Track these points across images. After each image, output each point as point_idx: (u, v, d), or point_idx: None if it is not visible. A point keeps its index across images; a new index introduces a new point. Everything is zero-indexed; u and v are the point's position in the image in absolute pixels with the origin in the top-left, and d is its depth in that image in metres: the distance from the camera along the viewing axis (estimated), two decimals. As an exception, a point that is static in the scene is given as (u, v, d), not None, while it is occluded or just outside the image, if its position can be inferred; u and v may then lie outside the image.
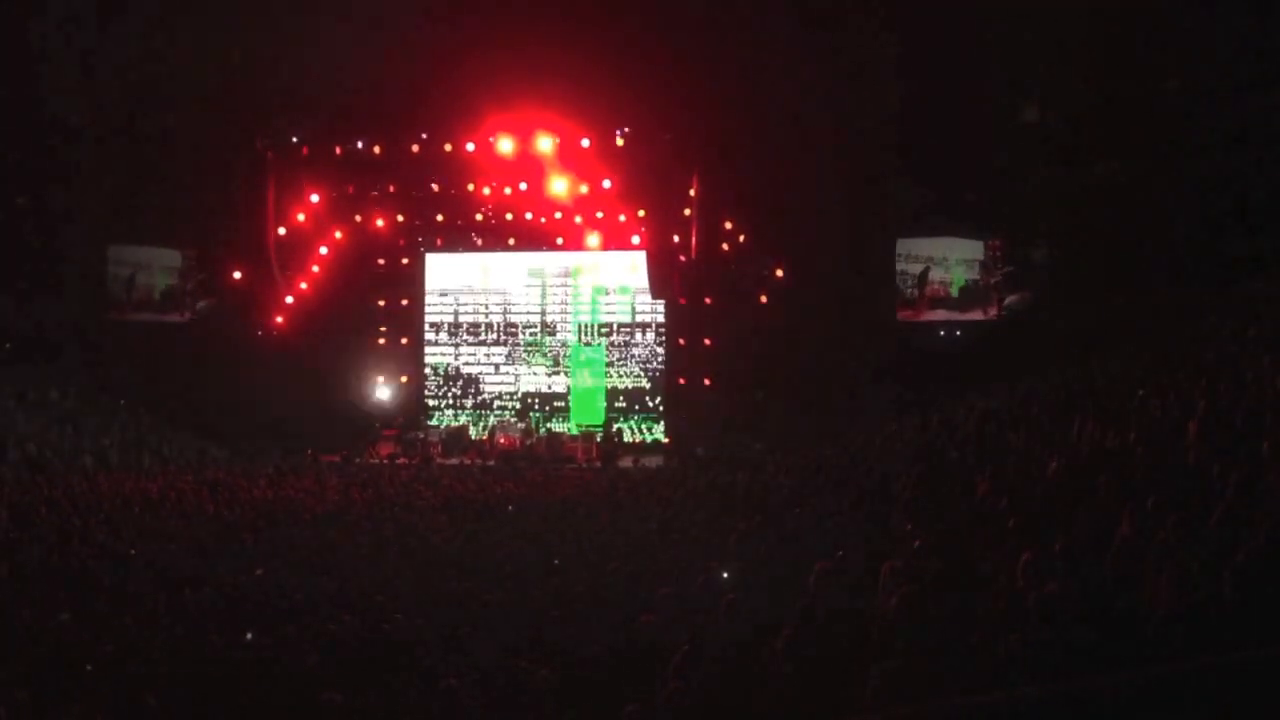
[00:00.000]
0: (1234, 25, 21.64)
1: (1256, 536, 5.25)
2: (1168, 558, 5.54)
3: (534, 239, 30.34)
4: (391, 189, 28.94)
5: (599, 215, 28.46)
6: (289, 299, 29.49)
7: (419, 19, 23.89)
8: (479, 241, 30.88)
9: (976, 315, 28.24)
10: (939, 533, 8.40)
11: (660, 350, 30.14)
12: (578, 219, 28.77)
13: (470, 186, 28.13)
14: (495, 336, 31.02)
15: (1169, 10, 22.33)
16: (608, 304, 30.51)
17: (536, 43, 23.48)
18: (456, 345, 31.17)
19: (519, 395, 30.71)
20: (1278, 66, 21.13)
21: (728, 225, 28.14)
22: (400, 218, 29.89)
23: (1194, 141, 23.20)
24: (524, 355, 30.72)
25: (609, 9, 23.86)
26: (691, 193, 28.03)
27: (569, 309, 30.78)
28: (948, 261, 28.49)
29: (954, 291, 28.46)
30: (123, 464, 23.46)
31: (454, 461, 27.16)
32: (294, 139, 28.08)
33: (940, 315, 28.56)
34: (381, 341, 31.43)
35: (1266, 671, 3.03)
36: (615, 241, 29.41)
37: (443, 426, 30.07)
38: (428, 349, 31.30)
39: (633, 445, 29.27)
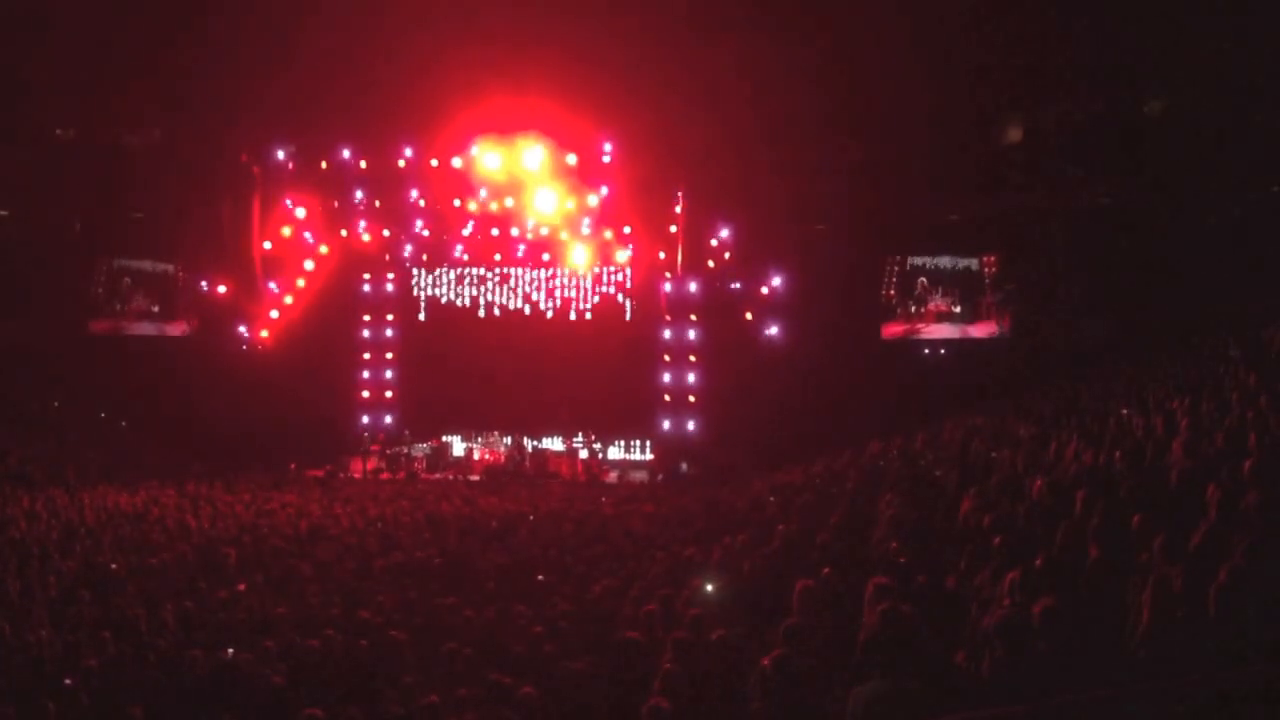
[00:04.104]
0: (1218, 47, 21.85)
1: (1238, 556, 5.27)
2: (1150, 576, 5.55)
3: (520, 254, 30.33)
4: (377, 203, 28.87)
5: (585, 231, 28.45)
6: (274, 313, 29.37)
7: (405, 34, 23.88)
8: (465, 256, 30.85)
9: (981, 331, 28.49)
10: (923, 551, 8.41)
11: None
12: (564, 234, 28.76)
13: (456, 201, 28.07)
14: (482, 350, 30.97)
15: (1153, 31, 22.51)
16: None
17: (523, 58, 23.50)
18: (442, 359, 31.12)
19: (504, 410, 30.60)
20: (1258, 87, 21.34)
21: (714, 242, 28.17)
22: (386, 232, 29.83)
23: (1178, 163, 23.39)
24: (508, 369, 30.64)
25: (595, 25, 23.90)
26: (678, 209, 28.07)
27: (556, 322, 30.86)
28: (943, 274, 28.82)
29: (955, 307, 28.74)
30: (105, 477, 23.30)
31: (438, 477, 27.10)
32: (280, 153, 27.98)
33: (945, 330, 28.81)
34: (367, 356, 31.39)
35: (1249, 691, 3.04)
36: (601, 258, 29.42)
37: (426, 443, 29.91)
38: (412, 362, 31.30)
39: (618, 461, 29.26)
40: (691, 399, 28.97)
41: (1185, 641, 4.90)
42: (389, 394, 31.37)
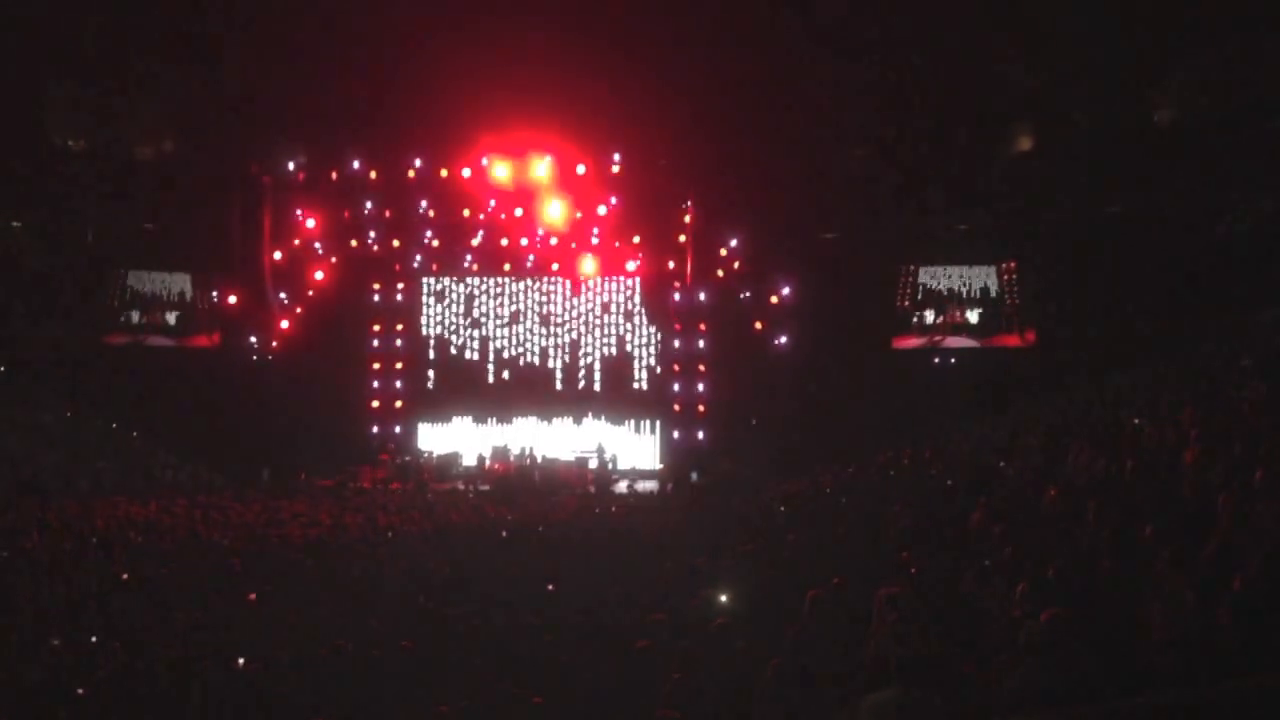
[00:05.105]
0: (1225, 58, 21.80)
1: (1252, 565, 5.24)
2: (1164, 586, 5.53)
3: (530, 265, 30.36)
4: (387, 214, 28.92)
5: (594, 241, 28.51)
6: (284, 323, 29.43)
7: (415, 45, 23.94)
8: (474, 268, 30.89)
9: (994, 341, 28.37)
10: (934, 561, 8.39)
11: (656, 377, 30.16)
12: (573, 245, 28.81)
13: (466, 212, 28.13)
14: (489, 362, 31.05)
15: (1166, 39, 22.46)
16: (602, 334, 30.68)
17: (533, 69, 23.53)
18: (450, 369, 31.20)
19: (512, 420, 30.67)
20: (1266, 98, 21.28)
21: (723, 251, 28.16)
22: (395, 243, 29.88)
23: (1189, 172, 23.31)
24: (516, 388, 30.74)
25: (605, 35, 23.94)
26: (687, 219, 28.07)
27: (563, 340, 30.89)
28: (955, 284, 28.79)
29: (972, 317, 28.62)
30: (116, 487, 23.35)
31: (447, 487, 27.08)
32: (290, 164, 28.06)
33: (957, 340, 28.68)
34: (376, 366, 31.44)
35: (1264, 701, 3.02)
36: (610, 268, 29.46)
37: (434, 453, 29.91)
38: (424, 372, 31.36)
39: (627, 471, 29.22)
40: (701, 408, 28.94)
41: (1199, 651, 4.87)
42: (399, 404, 31.39)
